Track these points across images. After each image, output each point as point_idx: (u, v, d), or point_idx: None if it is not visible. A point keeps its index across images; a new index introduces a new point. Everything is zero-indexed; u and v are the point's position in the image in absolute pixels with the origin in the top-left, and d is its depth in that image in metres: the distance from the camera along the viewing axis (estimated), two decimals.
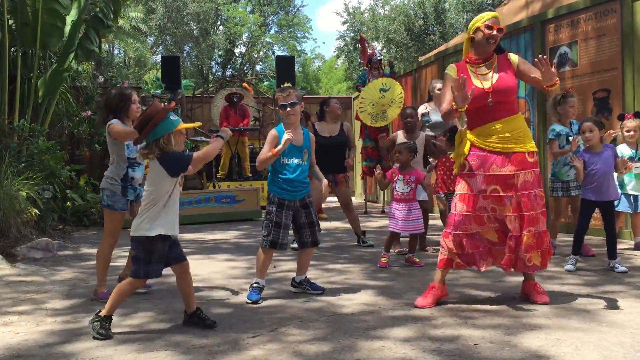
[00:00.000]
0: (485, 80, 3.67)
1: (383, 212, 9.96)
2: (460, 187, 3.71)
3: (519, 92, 7.41)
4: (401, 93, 8.45)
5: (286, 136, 3.90)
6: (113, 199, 4.04)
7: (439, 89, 6.49)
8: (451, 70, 3.79)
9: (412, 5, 23.95)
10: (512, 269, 3.72)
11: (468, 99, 3.51)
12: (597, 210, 4.73)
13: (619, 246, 4.79)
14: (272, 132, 4.06)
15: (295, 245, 6.21)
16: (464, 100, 3.51)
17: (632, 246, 5.59)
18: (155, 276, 3.25)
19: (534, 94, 7.26)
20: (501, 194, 3.62)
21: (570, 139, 5.21)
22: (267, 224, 4.01)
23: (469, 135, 3.73)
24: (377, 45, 24.11)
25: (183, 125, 3.28)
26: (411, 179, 5.12)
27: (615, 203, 4.95)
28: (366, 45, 9.83)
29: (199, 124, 3.76)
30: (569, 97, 5.42)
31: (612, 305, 3.59)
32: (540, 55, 3.58)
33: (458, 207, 3.69)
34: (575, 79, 6.76)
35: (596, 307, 3.56)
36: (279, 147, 3.91)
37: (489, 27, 3.62)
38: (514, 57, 3.77)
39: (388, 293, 4.08)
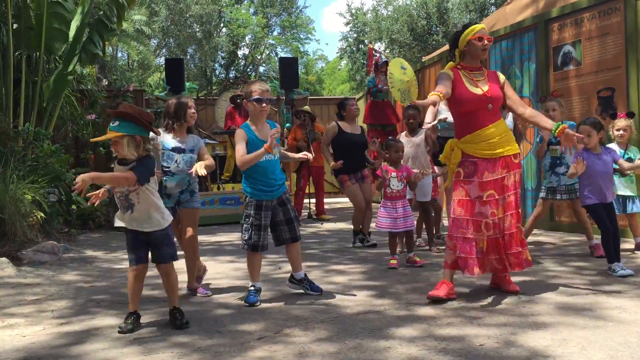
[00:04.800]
0: (483, 85, 3.88)
1: None
2: (458, 193, 3.89)
3: (524, 90, 7.42)
4: (414, 75, 8.36)
5: (273, 132, 3.88)
6: None
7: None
8: (448, 70, 3.93)
9: (415, 6, 23.97)
10: (510, 270, 3.86)
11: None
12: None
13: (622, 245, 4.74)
14: (241, 132, 3.97)
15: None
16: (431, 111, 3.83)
17: (633, 247, 5.50)
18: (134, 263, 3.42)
19: (537, 94, 7.25)
20: (497, 197, 3.81)
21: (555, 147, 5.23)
22: (246, 227, 3.96)
23: (459, 144, 3.91)
24: (381, 45, 24.12)
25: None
26: (403, 175, 5.15)
27: None
28: (374, 53, 9.74)
29: None
30: (547, 102, 5.36)
31: (618, 304, 3.57)
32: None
33: (457, 211, 3.87)
34: (579, 78, 6.74)
35: (602, 306, 3.55)
36: (269, 141, 3.84)
37: (480, 39, 3.86)
38: (501, 76, 4.04)
39: (392, 293, 4.08)
